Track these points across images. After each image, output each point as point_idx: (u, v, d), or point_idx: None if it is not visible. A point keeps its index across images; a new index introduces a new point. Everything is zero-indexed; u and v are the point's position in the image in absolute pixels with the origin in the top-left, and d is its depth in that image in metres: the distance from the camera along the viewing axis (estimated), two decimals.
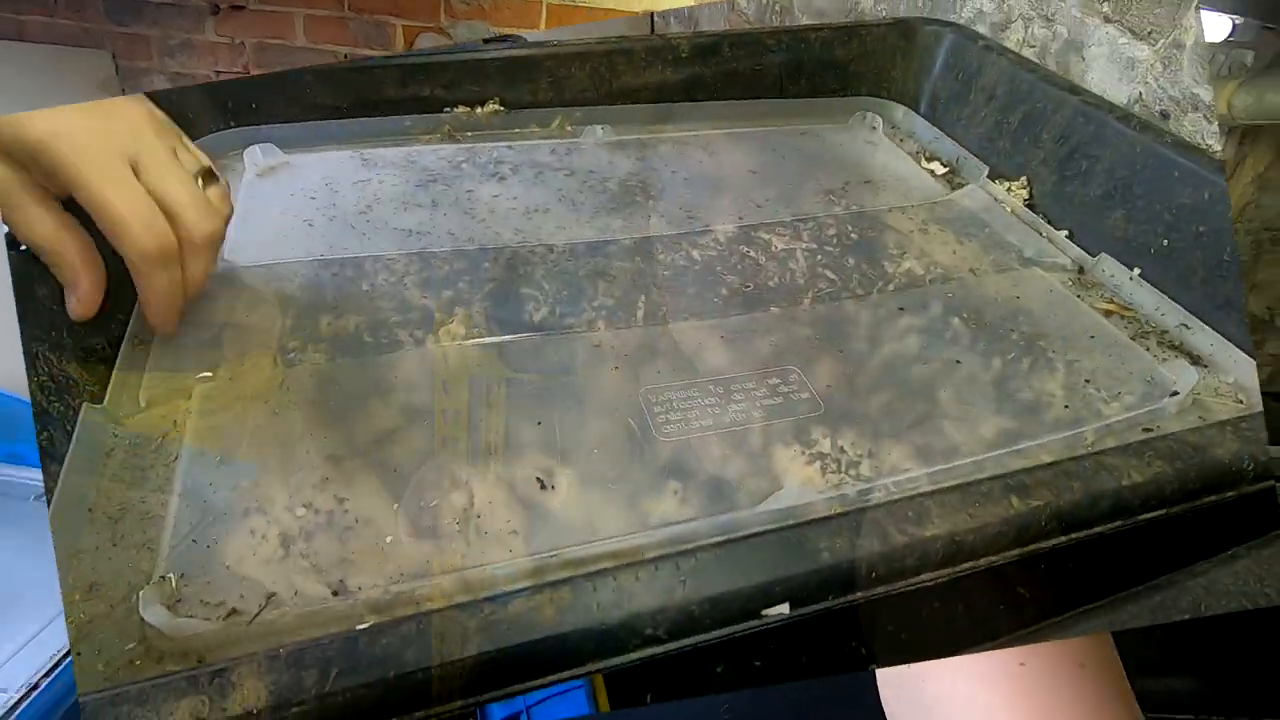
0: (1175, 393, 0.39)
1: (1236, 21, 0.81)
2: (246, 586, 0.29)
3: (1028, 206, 0.56)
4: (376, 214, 0.51)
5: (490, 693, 0.22)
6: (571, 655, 0.22)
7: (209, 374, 0.38)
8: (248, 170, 0.54)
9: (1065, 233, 0.53)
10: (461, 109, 0.61)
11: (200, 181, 0.38)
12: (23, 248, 0.37)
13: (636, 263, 0.48)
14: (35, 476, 0.89)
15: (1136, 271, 0.48)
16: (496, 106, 0.62)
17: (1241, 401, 0.40)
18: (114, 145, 0.33)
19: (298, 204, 0.51)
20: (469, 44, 0.96)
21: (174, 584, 0.28)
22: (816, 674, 0.48)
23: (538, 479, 0.33)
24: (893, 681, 0.29)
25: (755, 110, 0.67)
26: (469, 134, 0.61)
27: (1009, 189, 0.57)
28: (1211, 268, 0.44)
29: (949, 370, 0.40)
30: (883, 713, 0.30)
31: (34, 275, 0.36)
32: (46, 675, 0.69)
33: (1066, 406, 0.38)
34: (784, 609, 0.24)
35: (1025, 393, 0.39)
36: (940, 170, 0.62)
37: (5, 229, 0.37)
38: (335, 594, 0.28)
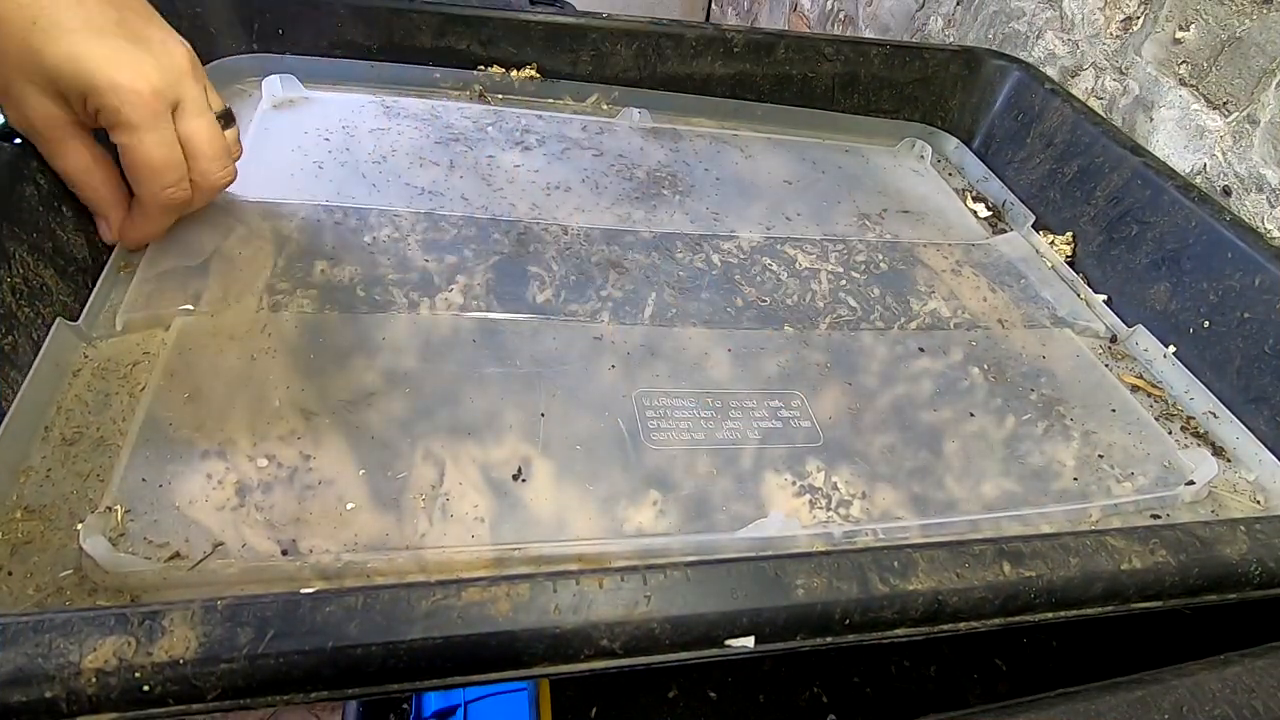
0: (1191, 482, 0.39)
1: None
2: (194, 531, 0.29)
3: (1069, 264, 0.56)
4: (390, 166, 0.51)
5: (429, 680, 0.22)
6: (520, 655, 0.22)
7: (190, 306, 0.38)
8: (264, 100, 0.54)
9: (1104, 297, 0.53)
10: (496, 69, 0.61)
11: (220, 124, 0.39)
12: (16, 140, 0.37)
13: (652, 258, 0.48)
14: None
15: (1171, 350, 0.48)
16: (533, 72, 0.62)
17: (1259, 502, 0.40)
18: (161, 90, 0.35)
19: (310, 143, 0.51)
20: (514, 2, 0.96)
21: (119, 517, 0.28)
22: (771, 716, 0.48)
23: (517, 468, 0.33)
24: None
25: (801, 119, 0.67)
26: (499, 97, 0.61)
27: (1052, 242, 0.57)
28: (1250, 358, 0.44)
29: (960, 421, 0.40)
30: None
31: (22, 171, 0.36)
32: None
33: (1075, 479, 0.38)
34: (748, 642, 0.24)
35: (1035, 457, 0.39)
36: (984, 212, 0.62)
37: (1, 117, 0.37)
38: (284, 553, 0.28)
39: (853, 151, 0.66)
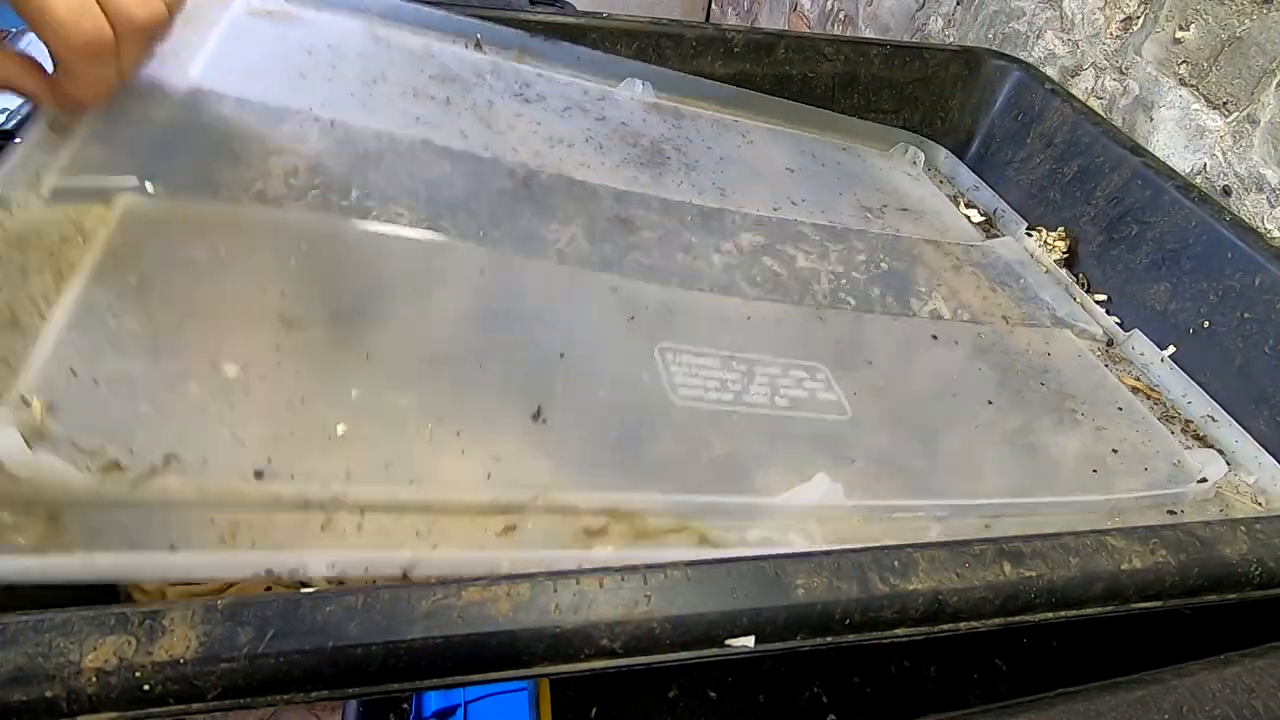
0: (1204, 479, 0.39)
1: None
2: (141, 440, 0.23)
3: (1069, 264, 0.56)
4: (381, 91, 0.44)
5: (429, 680, 0.22)
6: (520, 655, 0.22)
7: (146, 186, 0.32)
8: (238, 4, 0.47)
9: (1104, 297, 0.53)
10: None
11: None
12: (16, 140, 0.36)
13: (664, 221, 0.46)
14: None
15: (1168, 351, 0.48)
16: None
17: (1260, 505, 0.40)
18: None
19: (293, 54, 0.45)
20: (515, 2, 0.96)
21: (38, 412, 0.22)
22: (771, 716, 0.48)
23: (536, 408, 0.30)
24: None
25: (798, 114, 0.66)
26: (499, 50, 0.57)
27: (1046, 242, 0.57)
28: (1250, 358, 0.44)
29: (975, 409, 0.40)
30: None
31: None
32: None
33: (1094, 471, 0.38)
34: (749, 641, 0.24)
35: (1052, 450, 0.39)
36: (977, 218, 0.63)
37: None
38: (258, 475, 0.24)
39: (849, 150, 0.66)
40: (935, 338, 0.45)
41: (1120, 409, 0.43)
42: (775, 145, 0.62)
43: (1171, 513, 0.38)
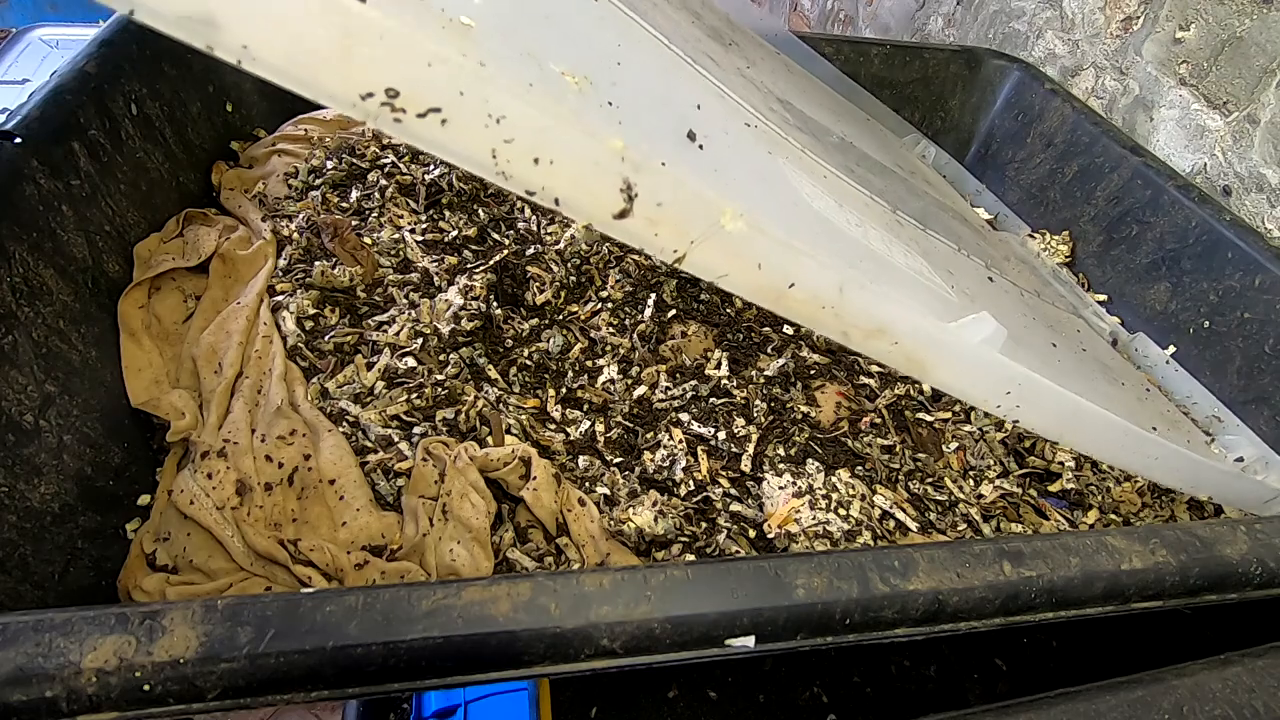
0: (1241, 459, 0.40)
1: None
2: None
3: (1069, 265, 0.56)
4: None
5: (429, 680, 0.22)
6: (520, 655, 0.22)
7: None
8: None
9: (1103, 297, 0.53)
10: None
11: None
12: (17, 140, 0.37)
13: (743, 81, 0.44)
14: None
15: (1170, 350, 0.48)
16: None
17: (1265, 503, 0.40)
18: None
19: None
20: None
21: None
22: (771, 716, 0.48)
23: (689, 130, 0.29)
24: None
25: (832, 73, 0.65)
26: None
27: (1052, 245, 0.58)
28: (1251, 358, 0.44)
29: (1044, 346, 0.40)
30: None
31: (22, 171, 0.36)
32: None
33: (1154, 428, 0.38)
34: (749, 641, 0.24)
35: (1117, 403, 0.39)
36: (985, 215, 0.63)
37: None
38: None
39: (873, 123, 0.65)
40: (991, 280, 0.44)
41: (1148, 390, 0.44)
42: (816, 88, 0.61)
43: (1240, 460, 0.38)
